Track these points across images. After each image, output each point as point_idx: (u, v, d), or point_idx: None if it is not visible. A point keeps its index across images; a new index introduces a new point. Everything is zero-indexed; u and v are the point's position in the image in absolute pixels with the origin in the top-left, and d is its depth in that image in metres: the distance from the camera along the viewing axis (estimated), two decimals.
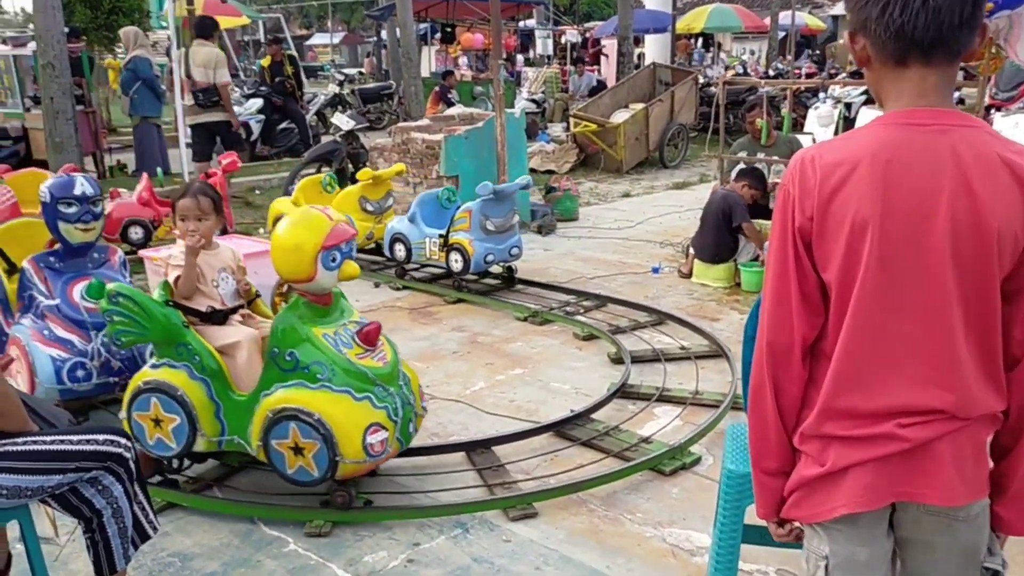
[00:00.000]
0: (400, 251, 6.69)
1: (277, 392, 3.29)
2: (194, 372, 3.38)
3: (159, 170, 8.74)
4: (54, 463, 2.45)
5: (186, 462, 3.64)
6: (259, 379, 3.37)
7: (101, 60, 14.83)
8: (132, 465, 2.63)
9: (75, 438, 2.51)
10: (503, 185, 6.54)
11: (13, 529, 2.74)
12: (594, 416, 4.18)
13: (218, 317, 3.53)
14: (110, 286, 3.38)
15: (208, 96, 9.23)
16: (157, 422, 3.41)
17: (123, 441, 2.61)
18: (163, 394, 3.37)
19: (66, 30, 10.31)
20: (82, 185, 4.10)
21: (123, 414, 3.46)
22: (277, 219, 6.63)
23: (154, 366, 3.45)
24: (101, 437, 2.57)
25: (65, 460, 2.46)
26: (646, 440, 3.95)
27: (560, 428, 4.06)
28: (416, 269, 6.97)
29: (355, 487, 3.54)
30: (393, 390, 3.38)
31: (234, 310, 3.60)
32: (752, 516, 2.67)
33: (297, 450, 3.24)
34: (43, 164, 10.68)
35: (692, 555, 3.16)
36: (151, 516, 2.75)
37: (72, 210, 4.06)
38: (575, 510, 3.46)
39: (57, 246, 4.20)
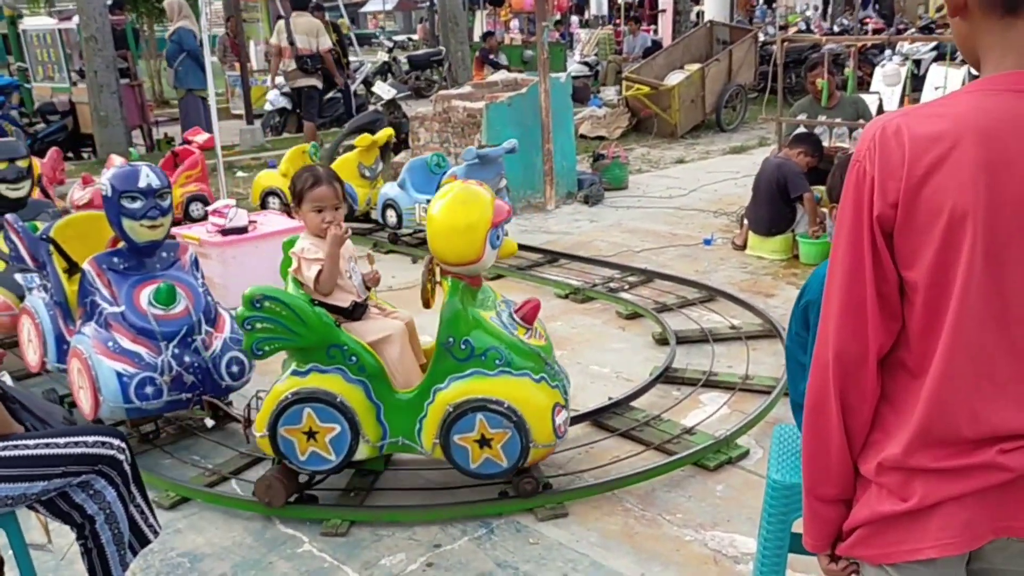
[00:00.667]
0: (391, 217, 6.69)
1: (454, 385, 3.07)
2: (349, 375, 3.09)
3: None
4: (38, 469, 2.28)
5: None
6: (427, 372, 3.14)
7: (151, 30, 14.81)
8: (127, 467, 2.46)
9: (62, 440, 2.34)
10: (487, 149, 6.43)
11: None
12: (634, 404, 3.91)
13: (359, 312, 3.26)
14: (250, 290, 3.03)
15: (314, 62, 9.91)
16: (311, 435, 3.11)
17: (116, 442, 2.43)
18: (318, 403, 3.08)
19: (109, 2, 10.25)
20: (147, 176, 3.62)
21: (261, 432, 3.15)
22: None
23: (297, 373, 3.12)
24: (91, 439, 2.39)
25: (50, 465, 2.30)
26: (689, 431, 3.66)
27: (597, 417, 3.80)
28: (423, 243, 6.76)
29: (375, 482, 3.36)
30: (557, 367, 3.26)
31: (366, 302, 3.35)
32: (800, 524, 2.40)
33: (484, 442, 3.06)
34: (90, 138, 10.74)
35: (736, 562, 2.89)
36: (151, 520, 2.59)
37: (137, 205, 3.57)
38: (609, 509, 3.21)
39: (121, 245, 3.74)
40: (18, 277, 4.09)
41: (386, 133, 7.28)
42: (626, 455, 3.52)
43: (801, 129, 6.82)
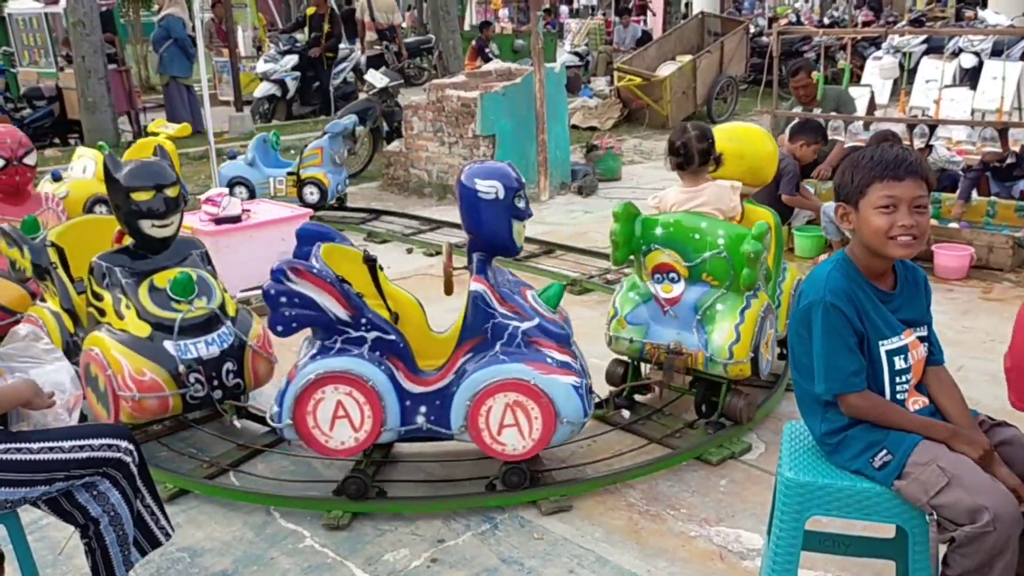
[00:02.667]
0: (243, 193, 6.89)
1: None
2: None
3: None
4: (40, 474, 2.23)
5: None
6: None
7: (137, 16, 14.62)
8: (133, 469, 2.41)
9: (67, 444, 2.29)
10: (336, 123, 7.61)
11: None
12: (635, 397, 3.88)
13: None
14: None
15: (391, 34, 12.65)
16: None
17: (123, 444, 2.38)
18: None
19: None
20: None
21: None
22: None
23: None
24: (97, 442, 2.34)
25: (53, 471, 2.25)
26: (691, 425, 3.65)
27: (598, 411, 3.77)
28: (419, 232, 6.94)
29: (378, 474, 3.32)
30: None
31: None
32: (811, 522, 2.39)
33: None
34: (77, 124, 10.60)
35: (742, 558, 2.88)
36: (162, 521, 2.55)
37: None
38: (613, 503, 3.19)
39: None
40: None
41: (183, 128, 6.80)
42: (628, 448, 3.50)
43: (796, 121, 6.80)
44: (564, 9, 23.92)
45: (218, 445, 3.62)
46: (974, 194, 6.03)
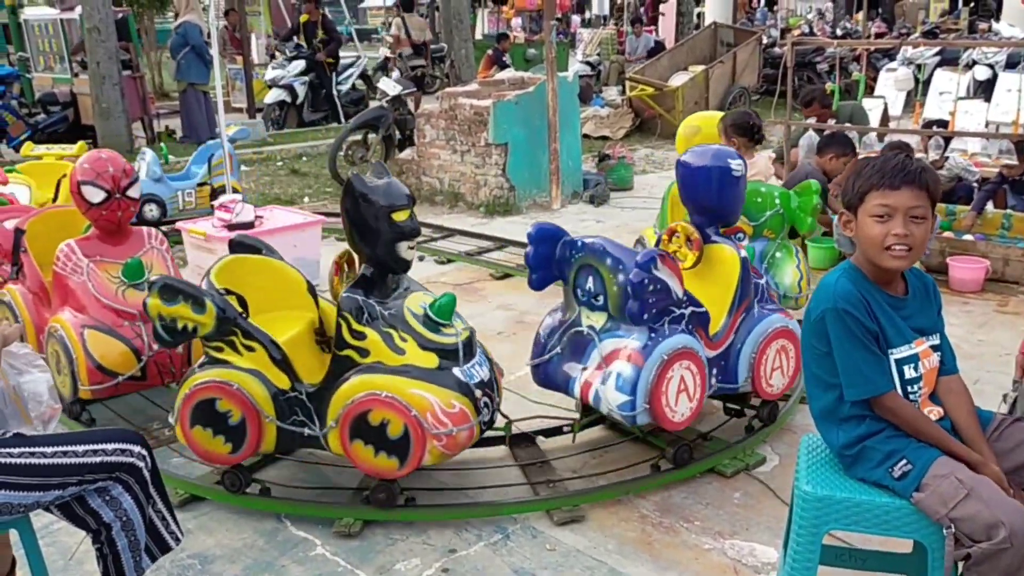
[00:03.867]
0: (153, 211, 6.95)
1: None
2: None
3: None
4: (54, 478, 2.21)
5: None
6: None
7: (151, 23, 14.70)
8: (146, 474, 2.40)
9: (80, 448, 2.27)
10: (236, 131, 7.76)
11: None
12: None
13: None
14: None
15: (423, 49, 14.39)
16: None
17: (136, 449, 2.37)
18: None
19: None
20: None
21: None
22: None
23: None
24: (111, 446, 2.32)
25: (67, 475, 2.23)
26: (704, 436, 3.62)
27: (611, 421, 3.75)
28: (431, 240, 6.72)
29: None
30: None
31: None
32: (828, 536, 2.36)
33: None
34: (91, 129, 10.65)
35: (756, 572, 2.85)
36: (172, 526, 2.53)
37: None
38: (626, 515, 3.16)
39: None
40: None
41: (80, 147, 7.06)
42: (641, 459, 3.48)
43: (811, 133, 6.79)
44: (576, 19, 23.98)
45: None
46: (989, 206, 5.99)
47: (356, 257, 3.22)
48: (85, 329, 3.58)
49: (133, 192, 3.75)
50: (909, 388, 2.26)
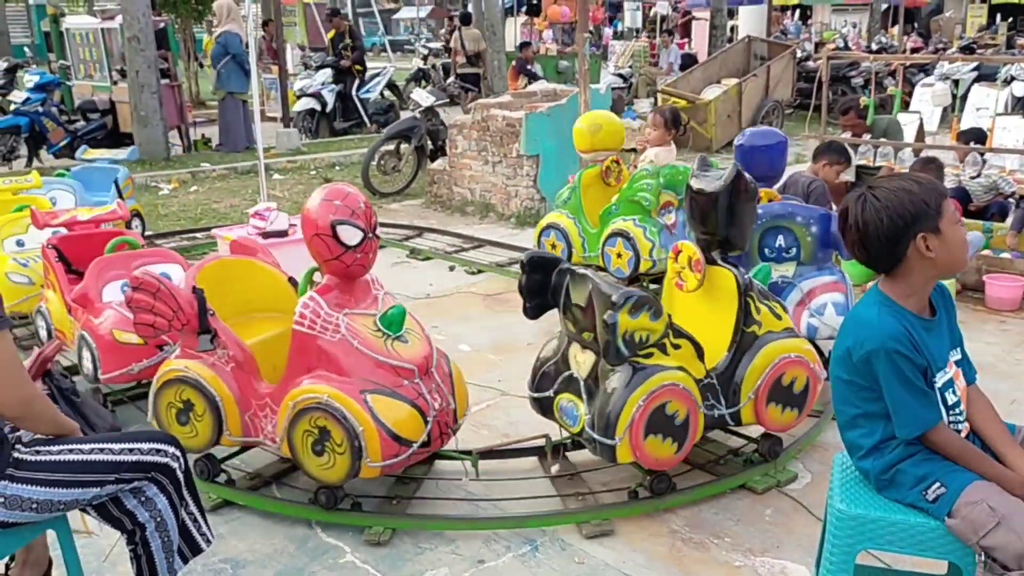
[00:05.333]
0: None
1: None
2: None
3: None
4: (92, 475, 2.25)
5: None
6: None
7: (189, 33, 14.92)
8: (180, 475, 2.43)
9: (116, 447, 2.31)
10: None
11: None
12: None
13: None
14: None
15: (478, 59, 15.05)
16: None
17: (171, 450, 2.41)
18: None
19: (150, 2, 10.36)
20: None
21: None
22: None
23: None
24: (146, 446, 2.36)
25: (104, 472, 2.27)
26: (735, 452, 3.60)
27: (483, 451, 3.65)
28: (461, 250, 6.69)
29: (418, 491, 3.32)
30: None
31: None
32: (862, 556, 2.33)
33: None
34: (129, 136, 10.83)
35: None
36: (204, 528, 2.56)
37: None
38: (655, 529, 3.15)
39: None
40: None
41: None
42: (671, 474, 3.45)
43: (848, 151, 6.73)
44: (608, 31, 24.02)
45: (261, 457, 3.64)
46: None
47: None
48: (367, 395, 2.99)
49: (379, 230, 3.23)
50: (952, 413, 2.23)
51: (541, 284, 3.32)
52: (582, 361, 3.24)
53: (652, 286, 5.14)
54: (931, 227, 2.13)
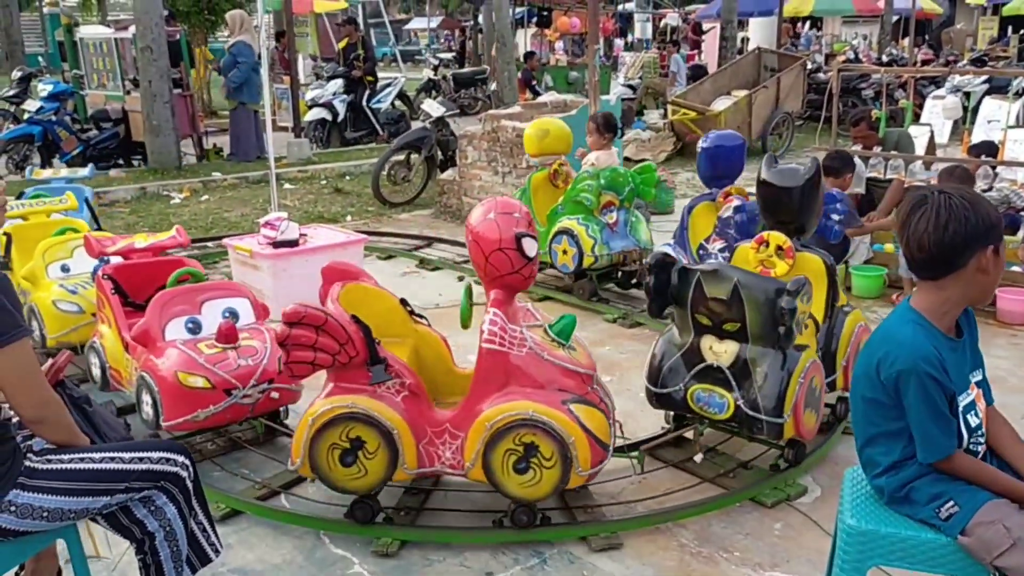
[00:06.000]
0: None
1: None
2: None
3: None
4: (102, 484, 2.27)
5: None
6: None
7: (199, 45, 15.03)
8: (189, 484, 2.45)
9: (127, 456, 2.33)
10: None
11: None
12: (688, 435, 3.83)
13: None
14: None
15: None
16: None
17: (180, 459, 2.42)
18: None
19: (164, 13, 10.43)
20: None
21: None
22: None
23: None
24: (156, 455, 2.38)
25: (114, 480, 2.29)
26: (745, 465, 3.59)
27: (649, 447, 3.73)
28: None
29: (426, 502, 3.32)
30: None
31: None
32: (872, 573, 2.32)
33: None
34: (141, 146, 10.89)
35: None
36: (213, 537, 2.57)
37: None
38: (664, 543, 3.14)
39: None
40: None
41: None
42: (680, 487, 3.45)
43: (858, 162, 6.73)
44: (619, 42, 24.06)
45: (270, 466, 3.65)
46: None
47: None
48: (568, 404, 2.99)
49: None
50: (973, 436, 2.22)
51: (665, 283, 3.47)
52: (722, 351, 3.39)
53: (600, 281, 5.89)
54: (996, 243, 2.10)
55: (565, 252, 5.64)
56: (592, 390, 3.15)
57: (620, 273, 5.93)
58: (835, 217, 4.42)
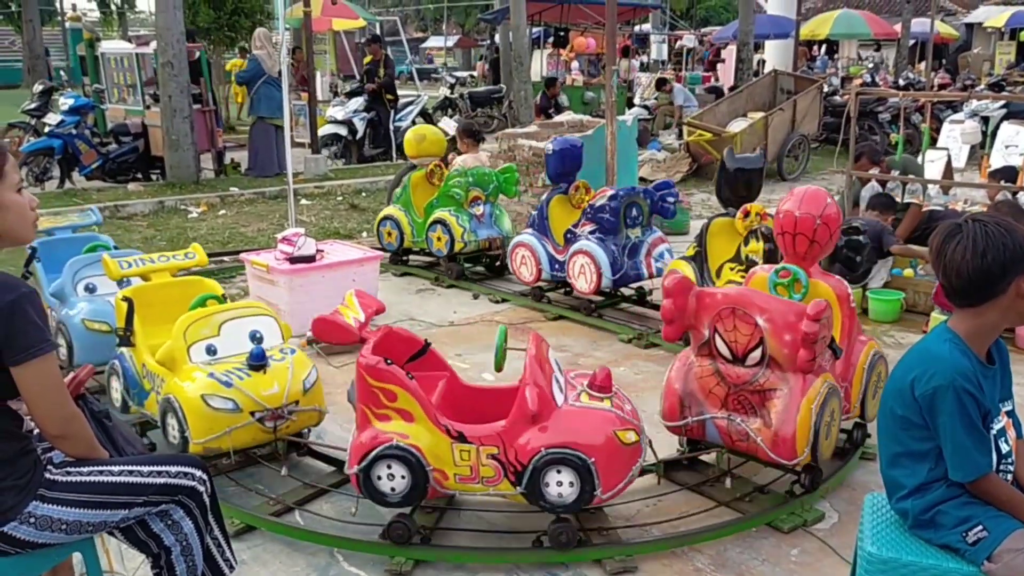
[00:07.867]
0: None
1: None
2: None
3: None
4: (120, 497, 2.27)
5: None
6: None
7: (220, 59, 15.17)
8: (206, 499, 2.45)
9: (145, 469, 2.34)
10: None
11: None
12: (704, 458, 3.81)
13: None
14: None
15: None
16: None
17: (197, 473, 2.42)
18: None
19: (184, 30, 10.55)
20: None
21: None
22: None
23: None
24: (174, 469, 2.38)
25: (132, 494, 2.29)
26: (761, 489, 3.56)
27: (665, 469, 3.70)
28: (485, 279, 6.71)
29: (439, 521, 3.31)
30: None
31: None
32: None
33: None
34: (160, 160, 10.98)
35: None
36: (228, 553, 2.56)
37: None
38: (680, 567, 3.11)
39: None
40: None
41: None
42: (696, 510, 3.42)
43: (874, 185, 6.73)
44: (636, 63, 24.13)
45: (285, 483, 3.64)
46: None
47: None
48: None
49: None
50: (1004, 463, 2.21)
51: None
52: None
53: (466, 264, 6.85)
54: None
55: (439, 239, 6.61)
56: None
57: (486, 258, 6.97)
58: (670, 200, 5.91)
